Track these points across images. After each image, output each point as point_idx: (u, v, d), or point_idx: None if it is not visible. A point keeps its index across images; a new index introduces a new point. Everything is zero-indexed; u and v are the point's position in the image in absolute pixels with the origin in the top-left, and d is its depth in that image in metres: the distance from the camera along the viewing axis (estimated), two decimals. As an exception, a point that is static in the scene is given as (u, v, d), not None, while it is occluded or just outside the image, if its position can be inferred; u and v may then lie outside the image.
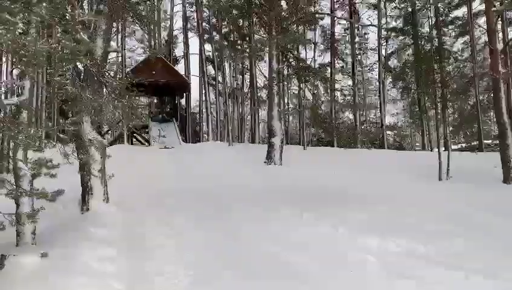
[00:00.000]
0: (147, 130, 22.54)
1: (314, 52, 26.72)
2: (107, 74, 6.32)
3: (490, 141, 24.48)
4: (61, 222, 6.81)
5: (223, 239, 6.54)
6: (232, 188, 10.08)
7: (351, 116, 27.03)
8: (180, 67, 28.75)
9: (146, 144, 22.88)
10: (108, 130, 25.61)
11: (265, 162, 14.55)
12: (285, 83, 23.22)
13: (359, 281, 4.72)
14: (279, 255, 5.67)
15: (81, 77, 6.54)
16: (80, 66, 6.84)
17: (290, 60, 16.19)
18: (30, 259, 4.72)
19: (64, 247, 5.27)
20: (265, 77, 23.88)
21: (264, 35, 17.24)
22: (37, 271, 4.42)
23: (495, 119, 26.78)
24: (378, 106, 26.28)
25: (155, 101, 29.45)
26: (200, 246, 6.27)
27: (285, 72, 19.53)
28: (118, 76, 19.58)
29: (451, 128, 15.62)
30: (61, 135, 5.03)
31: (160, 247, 6.21)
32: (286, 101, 25.01)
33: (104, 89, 6.99)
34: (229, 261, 5.51)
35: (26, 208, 5.24)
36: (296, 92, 23.27)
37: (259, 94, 25.75)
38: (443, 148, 15.04)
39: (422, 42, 22.16)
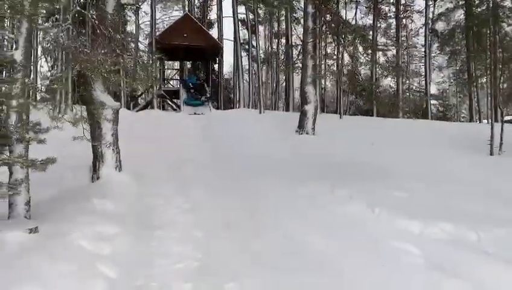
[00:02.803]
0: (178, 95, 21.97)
1: (356, 12, 25.05)
2: (113, 29, 5.55)
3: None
4: (67, 191, 6.30)
5: (242, 217, 5.83)
6: (258, 158, 9.32)
7: (392, 84, 25.46)
8: (213, 32, 27.78)
9: (177, 109, 22.38)
10: (141, 94, 25.27)
11: (296, 131, 13.58)
12: (322, 43, 21.72)
13: (395, 278, 3.87)
14: (304, 239, 4.90)
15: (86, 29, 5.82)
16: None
17: (327, 17, 14.77)
18: (15, 235, 4.15)
19: (59, 221, 4.68)
20: (301, 40, 22.60)
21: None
22: (18, 251, 3.83)
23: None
24: (423, 74, 24.52)
25: (188, 66, 28.76)
26: (216, 224, 5.58)
27: (323, 29, 17.91)
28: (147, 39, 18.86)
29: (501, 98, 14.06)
30: (42, 94, 4.34)
31: (171, 223, 5.59)
32: (322, 63, 23.47)
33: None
34: (246, 245, 4.81)
35: (20, 176, 4.67)
36: (333, 54, 21.90)
37: (294, 60, 24.50)
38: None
39: (475, 2, 20.10)
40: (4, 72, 4.92)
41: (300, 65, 18.32)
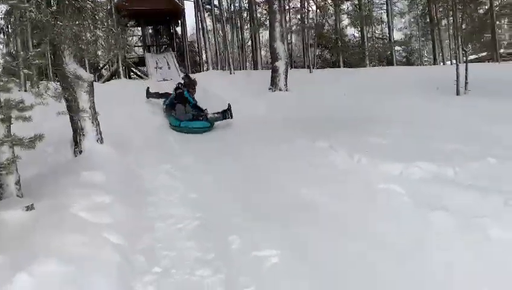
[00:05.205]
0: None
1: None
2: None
3: (502, 51, 23.21)
4: (52, 167, 6.25)
5: (232, 177, 6.01)
6: (235, 119, 9.39)
7: (356, 33, 25.59)
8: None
9: (145, 77, 21.89)
10: (104, 65, 24.55)
11: (270, 88, 13.60)
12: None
13: (387, 216, 4.18)
14: (296, 192, 5.10)
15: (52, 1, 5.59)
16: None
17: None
18: (13, 214, 4.15)
19: (53, 197, 4.70)
20: (264, -4, 22.21)
21: None
22: (20, 228, 3.87)
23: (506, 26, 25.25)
24: (386, 21, 24.71)
25: (150, 31, 27.93)
26: (208, 186, 5.76)
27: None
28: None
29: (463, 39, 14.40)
30: (26, 71, 4.23)
31: (163, 188, 5.72)
32: (288, 18, 23.24)
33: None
34: (241, 201, 5.00)
35: (6, 156, 4.62)
36: (299, 8, 21.66)
37: (259, 16, 24.16)
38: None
39: None
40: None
41: (266, 22, 18.15)
